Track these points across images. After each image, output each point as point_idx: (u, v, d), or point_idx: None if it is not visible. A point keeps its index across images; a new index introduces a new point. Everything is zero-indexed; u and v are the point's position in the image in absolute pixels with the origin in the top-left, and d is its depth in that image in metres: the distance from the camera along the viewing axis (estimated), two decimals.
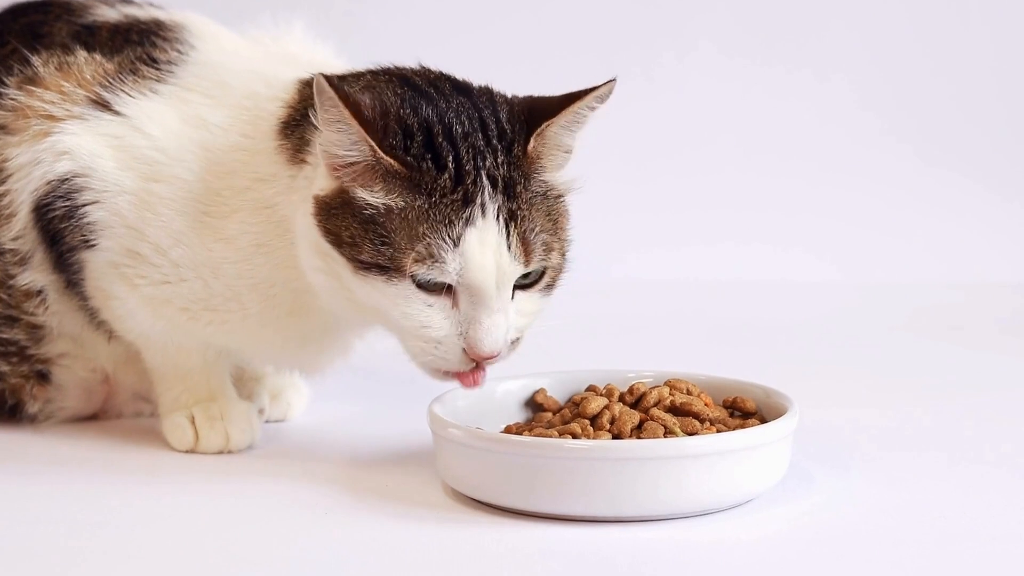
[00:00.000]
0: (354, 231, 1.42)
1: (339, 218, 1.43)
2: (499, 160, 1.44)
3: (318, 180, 1.45)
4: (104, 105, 1.58)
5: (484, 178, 1.43)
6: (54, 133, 1.57)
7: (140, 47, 1.63)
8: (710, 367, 1.60)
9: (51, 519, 1.45)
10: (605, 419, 1.45)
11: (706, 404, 1.49)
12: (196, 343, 1.61)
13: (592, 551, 1.35)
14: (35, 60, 1.61)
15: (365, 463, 1.58)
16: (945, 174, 2.60)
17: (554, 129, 1.46)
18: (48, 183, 1.57)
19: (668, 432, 1.43)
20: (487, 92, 1.50)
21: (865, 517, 1.43)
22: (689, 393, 1.50)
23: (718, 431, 1.45)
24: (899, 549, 1.35)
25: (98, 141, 1.56)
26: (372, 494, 1.49)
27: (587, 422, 1.45)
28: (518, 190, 1.44)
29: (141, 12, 1.69)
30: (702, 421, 1.46)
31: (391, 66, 1.54)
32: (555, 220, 1.47)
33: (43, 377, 1.69)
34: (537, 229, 1.44)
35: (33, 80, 1.60)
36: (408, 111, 1.44)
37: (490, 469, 1.42)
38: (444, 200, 1.41)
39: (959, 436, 1.69)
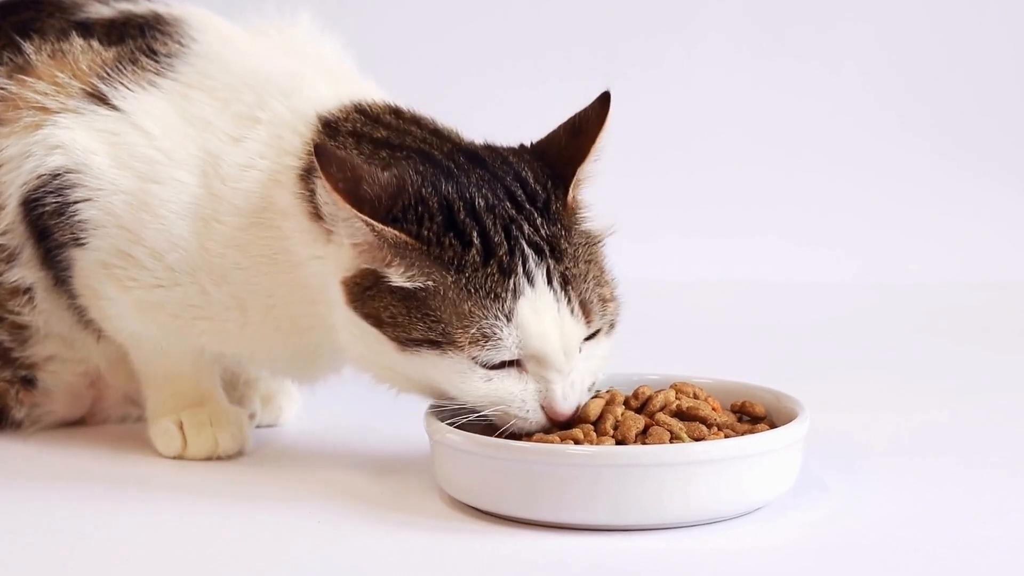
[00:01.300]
0: (395, 310, 1.42)
1: (375, 299, 1.43)
2: (538, 223, 1.44)
3: (343, 258, 1.44)
4: (100, 99, 1.58)
5: (525, 246, 1.42)
6: (46, 126, 1.57)
7: (139, 40, 1.62)
8: (718, 370, 1.60)
9: (37, 528, 1.44)
10: (608, 424, 1.44)
11: (714, 408, 1.48)
12: (187, 347, 1.60)
13: (595, 561, 1.35)
14: (27, 47, 1.61)
15: (359, 469, 1.58)
16: (964, 169, 2.61)
17: (587, 169, 1.47)
18: (39, 177, 1.57)
19: (674, 437, 1.43)
20: (501, 156, 1.49)
21: (879, 526, 1.42)
22: (696, 397, 1.50)
23: (726, 436, 1.44)
24: (914, 559, 1.35)
25: (93, 137, 1.56)
26: (367, 501, 1.49)
27: (590, 427, 1.45)
28: (564, 249, 1.44)
29: (137, 7, 1.68)
30: (709, 426, 1.45)
31: (409, 112, 1.53)
32: (602, 268, 1.48)
33: (29, 382, 1.69)
34: (592, 285, 1.45)
35: (24, 68, 1.60)
36: (429, 190, 1.43)
37: (489, 476, 1.42)
38: (478, 275, 1.41)
39: (977, 442, 1.68)
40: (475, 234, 1.42)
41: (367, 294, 1.43)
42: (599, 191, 1.53)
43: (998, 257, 2.53)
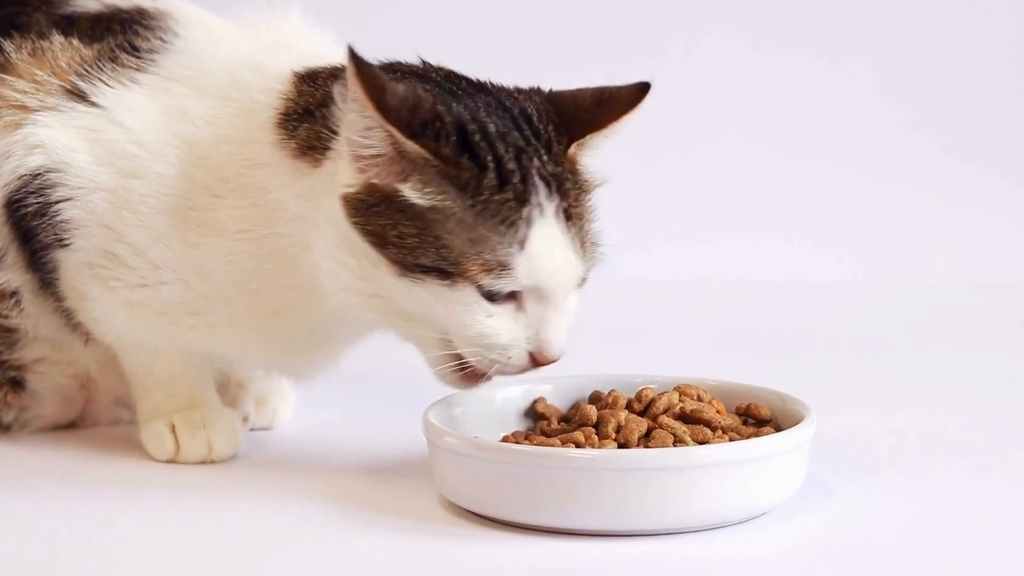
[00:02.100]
0: (403, 230, 1.41)
1: (382, 216, 1.41)
2: (543, 159, 1.44)
3: (341, 175, 1.44)
4: (80, 96, 1.57)
5: (536, 177, 1.42)
6: (26, 125, 1.56)
7: (122, 36, 1.62)
8: (722, 372, 1.60)
9: (26, 533, 1.44)
10: (610, 427, 1.45)
11: (718, 411, 1.48)
12: (177, 347, 1.60)
13: (596, 566, 1.34)
14: (7, 46, 1.61)
15: (356, 473, 1.58)
16: (969, 168, 2.61)
17: (597, 140, 1.48)
18: (20, 178, 1.56)
19: (677, 441, 1.43)
20: (505, 90, 1.50)
21: (886, 531, 1.42)
22: (700, 399, 1.50)
23: (730, 440, 1.44)
24: (921, 564, 1.35)
25: (73, 134, 1.56)
26: (363, 506, 1.48)
27: (591, 430, 1.45)
28: (568, 187, 1.45)
29: (123, 1, 1.68)
30: (713, 429, 1.45)
31: (397, 61, 1.54)
32: (592, 215, 1.49)
33: (17, 384, 1.69)
34: (588, 226, 1.46)
35: (4, 67, 1.60)
36: (442, 108, 1.42)
37: (489, 480, 1.41)
38: (494, 199, 1.41)
39: (985, 444, 1.68)
40: (489, 158, 1.41)
41: (373, 211, 1.42)
42: (601, 191, 1.53)
43: (1005, 257, 2.53)
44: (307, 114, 1.49)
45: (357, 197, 1.42)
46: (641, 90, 1.50)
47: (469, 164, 1.41)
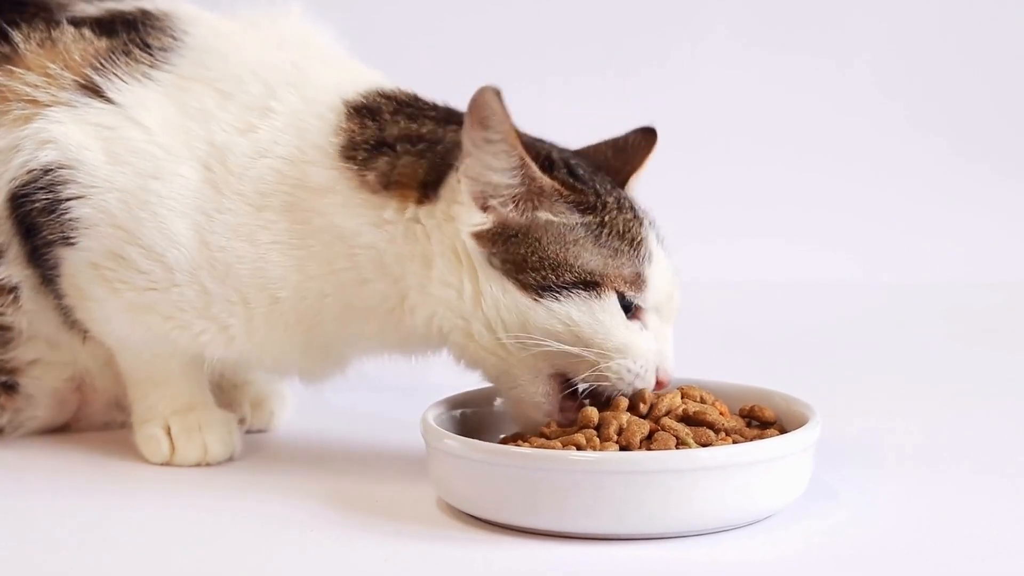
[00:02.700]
0: (543, 254, 1.47)
1: (521, 245, 1.48)
2: (618, 191, 1.54)
3: (464, 215, 1.48)
4: (95, 91, 1.57)
5: (635, 204, 1.52)
6: (37, 119, 1.56)
7: (132, 32, 1.62)
8: (725, 373, 1.60)
9: (19, 536, 1.44)
10: (612, 429, 1.44)
11: (721, 413, 1.48)
12: (177, 351, 1.60)
13: (598, 571, 1.34)
14: (15, 36, 1.60)
15: (353, 476, 1.58)
16: (976, 167, 2.62)
17: (632, 185, 1.59)
18: (29, 172, 1.56)
19: (680, 443, 1.43)
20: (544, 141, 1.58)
21: (892, 535, 1.42)
22: (703, 401, 1.50)
23: (734, 442, 1.44)
24: (928, 569, 1.35)
25: (87, 131, 1.55)
26: (361, 510, 1.48)
27: (593, 432, 1.44)
28: (648, 215, 1.55)
29: (123, 4, 1.67)
30: (717, 431, 1.45)
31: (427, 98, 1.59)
32: None
33: (10, 387, 1.68)
34: None
35: (12, 59, 1.59)
36: (542, 147, 1.52)
37: (488, 483, 1.41)
38: (619, 219, 1.50)
39: (993, 447, 1.68)
40: (598, 186, 1.51)
41: (512, 241, 1.47)
42: None
43: (1013, 256, 2.54)
44: (384, 147, 1.52)
45: (493, 232, 1.48)
46: (648, 133, 1.61)
47: (589, 190, 1.50)
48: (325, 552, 1.39)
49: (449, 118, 1.54)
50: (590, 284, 1.46)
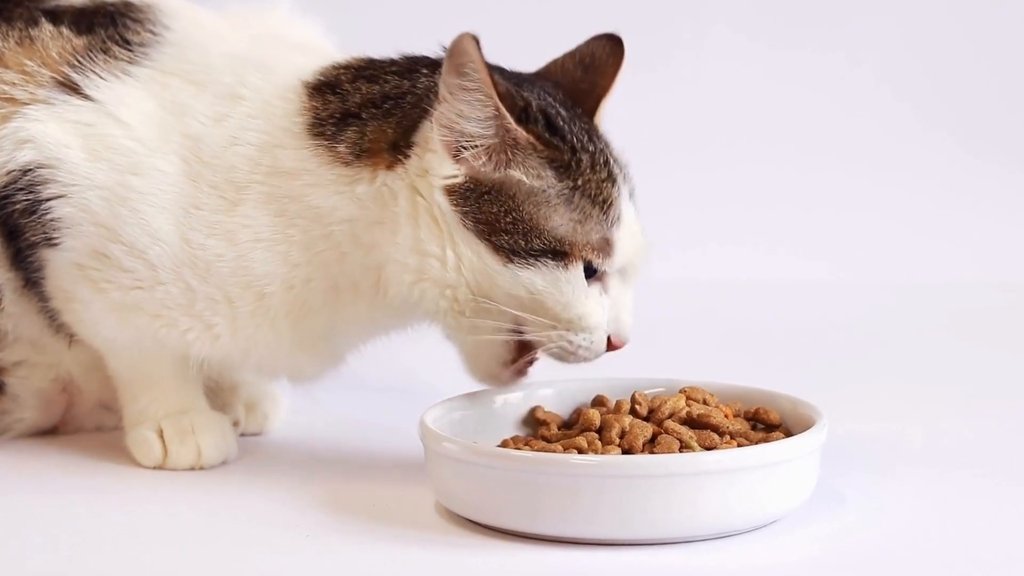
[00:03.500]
0: (516, 215, 1.46)
1: (494, 203, 1.47)
2: (603, 141, 1.52)
3: (437, 167, 1.47)
4: (73, 88, 1.57)
5: (611, 158, 1.50)
6: (15, 118, 1.56)
7: (112, 28, 1.61)
8: (730, 375, 1.60)
9: (10, 542, 1.44)
10: (614, 432, 1.44)
11: (726, 416, 1.48)
12: (168, 351, 1.59)
13: None
14: None
15: (350, 480, 1.57)
16: (986, 166, 2.62)
17: (604, 107, 1.56)
18: (8, 173, 1.55)
19: (684, 446, 1.42)
20: (533, 79, 1.56)
21: (900, 540, 1.42)
22: (707, 404, 1.50)
23: (739, 445, 1.44)
24: (936, 575, 1.34)
25: (66, 129, 1.55)
26: (358, 514, 1.48)
27: (594, 435, 1.44)
28: (628, 170, 1.53)
29: None
30: (721, 434, 1.45)
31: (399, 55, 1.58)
32: None
33: None
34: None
35: None
36: (526, 95, 1.50)
37: (488, 487, 1.41)
38: (592, 179, 1.48)
39: (1002, 450, 1.68)
40: (575, 141, 1.49)
41: (484, 199, 1.47)
42: None
43: (1021, 256, 2.53)
44: (349, 117, 1.51)
45: (464, 186, 1.47)
46: (612, 40, 1.58)
47: (565, 147, 1.48)
48: (321, 558, 1.38)
49: (413, 66, 1.54)
50: (558, 253, 1.46)
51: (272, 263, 1.53)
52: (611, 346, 1.50)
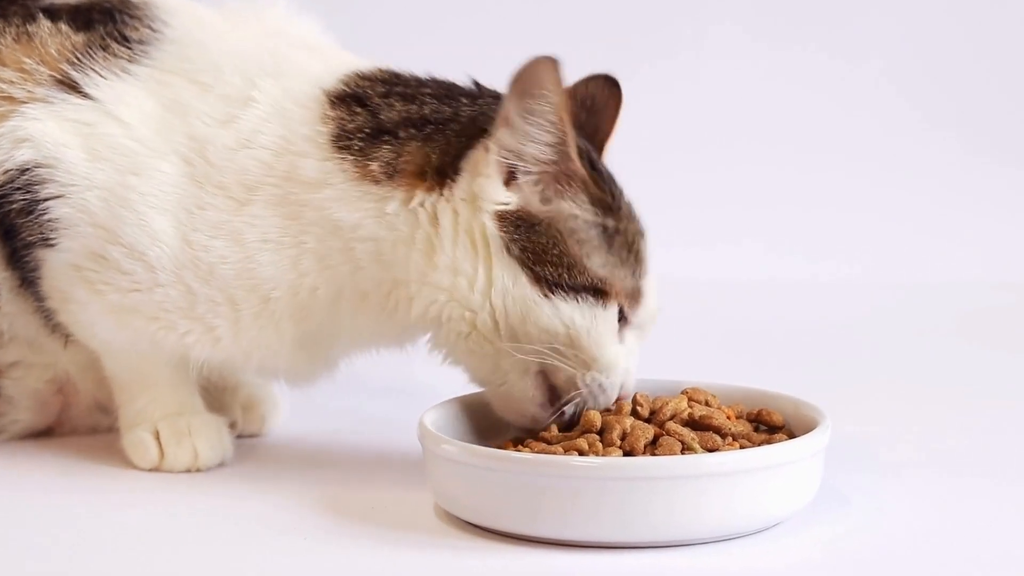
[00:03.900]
0: (563, 249, 1.48)
1: (543, 235, 1.48)
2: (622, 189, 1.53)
3: (489, 192, 1.48)
4: (72, 86, 1.56)
5: (632, 208, 1.52)
6: (13, 117, 1.55)
7: (109, 25, 1.61)
8: (732, 376, 1.59)
9: (4, 544, 1.43)
10: (615, 434, 1.43)
11: (728, 417, 1.48)
12: (163, 352, 1.59)
13: None
14: None
15: (348, 482, 1.57)
16: (991, 165, 2.62)
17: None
18: (5, 173, 1.55)
19: (686, 448, 1.42)
20: None
21: (903, 542, 1.42)
22: (709, 405, 1.49)
23: (741, 447, 1.43)
24: None
25: (65, 128, 1.55)
26: (356, 517, 1.48)
27: (595, 437, 1.44)
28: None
29: None
30: (724, 436, 1.45)
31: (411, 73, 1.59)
32: None
33: None
34: None
35: None
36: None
37: (488, 489, 1.40)
38: (629, 227, 1.50)
39: (1007, 452, 1.68)
40: (613, 185, 1.51)
41: (535, 229, 1.48)
42: None
43: None
44: (383, 134, 1.51)
45: (516, 214, 1.48)
46: (610, 82, 1.58)
47: (607, 190, 1.50)
48: (319, 561, 1.38)
49: (451, 93, 1.55)
50: (599, 292, 1.47)
51: (280, 266, 1.52)
52: (621, 396, 1.50)
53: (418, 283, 1.50)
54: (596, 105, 1.56)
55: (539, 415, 1.50)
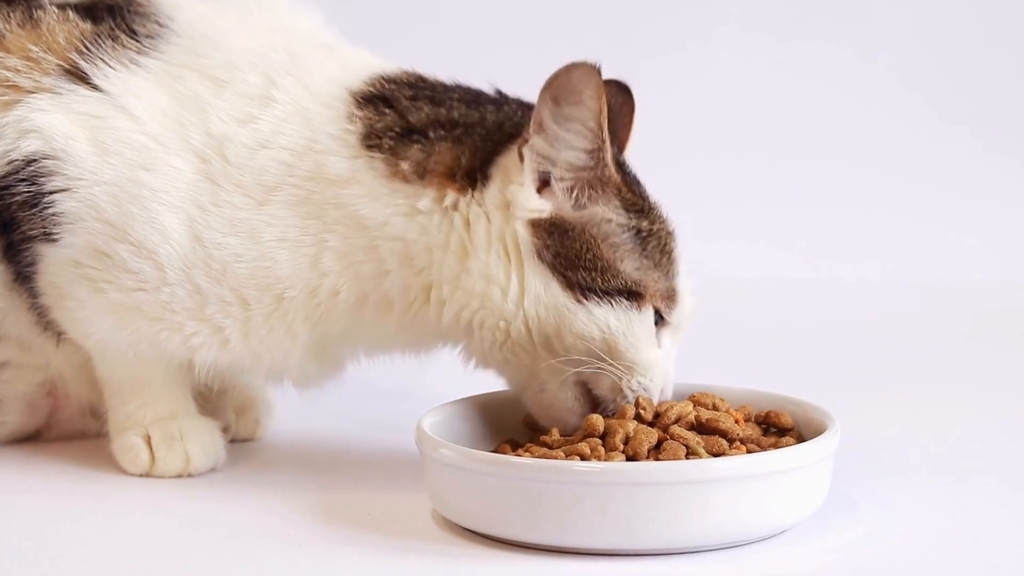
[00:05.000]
0: (597, 253, 1.49)
1: (577, 240, 1.49)
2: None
3: (523, 199, 1.49)
4: (80, 77, 1.56)
5: (663, 212, 1.54)
6: (18, 107, 1.55)
7: (119, 18, 1.61)
8: (739, 379, 1.60)
9: None
10: (618, 438, 1.43)
11: (736, 421, 1.48)
12: (162, 354, 1.59)
13: None
14: None
15: (344, 487, 1.57)
16: (1006, 160, 2.63)
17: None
18: (9, 163, 1.55)
19: (691, 453, 1.42)
20: None
21: (914, 549, 1.41)
22: (715, 408, 1.49)
23: (748, 451, 1.43)
24: None
25: (73, 120, 1.55)
26: (352, 523, 1.48)
27: (598, 441, 1.43)
28: None
29: None
30: (730, 440, 1.44)
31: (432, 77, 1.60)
32: None
33: None
34: None
35: None
36: None
37: (487, 495, 1.40)
38: (662, 230, 1.53)
39: (1019, 457, 1.68)
40: (643, 191, 1.53)
41: (569, 235, 1.49)
42: None
43: None
44: (413, 134, 1.52)
45: (549, 221, 1.50)
46: (623, 89, 1.61)
47: (639, 193, 1.52)
48: (314, 568, 1.38)
49: (477, 99, 1.56)
50: (633, 294, 1.49)
51: (296, 265, 1.52)
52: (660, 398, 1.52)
53: (451, 286, 1.51)
54: (611, 112, 1.55)
55: (578, 420, 1.50)
